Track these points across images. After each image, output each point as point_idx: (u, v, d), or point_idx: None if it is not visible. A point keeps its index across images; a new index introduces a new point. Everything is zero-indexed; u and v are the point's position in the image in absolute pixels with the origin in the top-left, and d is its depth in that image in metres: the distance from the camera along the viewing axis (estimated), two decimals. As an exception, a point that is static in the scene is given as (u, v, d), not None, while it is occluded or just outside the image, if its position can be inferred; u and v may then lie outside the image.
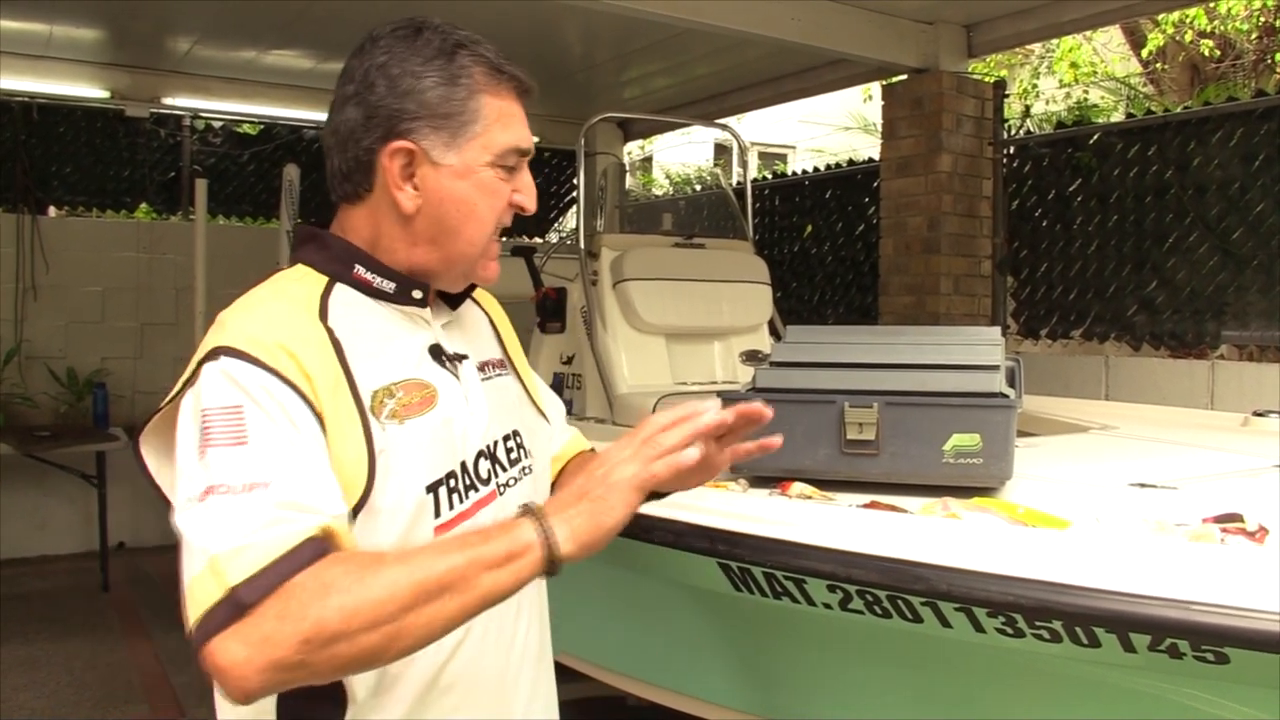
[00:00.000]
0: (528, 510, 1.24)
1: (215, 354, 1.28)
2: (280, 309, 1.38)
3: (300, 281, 1.44)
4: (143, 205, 8.03)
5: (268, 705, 1.34)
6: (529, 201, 1.50)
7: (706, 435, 1.33)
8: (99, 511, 6.48)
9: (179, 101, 7.67)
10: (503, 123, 1.44)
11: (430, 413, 1.41)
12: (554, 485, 1.72)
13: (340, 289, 1.43)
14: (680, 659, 2.67)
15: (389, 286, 1.45)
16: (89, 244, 7.46)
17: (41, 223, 7.26)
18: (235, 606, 1.11)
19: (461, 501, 1.42)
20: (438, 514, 1.38)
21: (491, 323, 1.73)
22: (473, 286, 1.59)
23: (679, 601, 2.48)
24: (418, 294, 1.47)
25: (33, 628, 5.56)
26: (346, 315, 1.40)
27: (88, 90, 7.37)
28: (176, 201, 8.11)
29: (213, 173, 7.95)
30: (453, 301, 1.58)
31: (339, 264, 1.45)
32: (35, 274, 7.15)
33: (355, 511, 1.30)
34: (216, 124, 8.28)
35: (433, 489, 1.39)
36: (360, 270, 1.45)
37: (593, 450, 1.80)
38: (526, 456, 1.60)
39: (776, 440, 1.51)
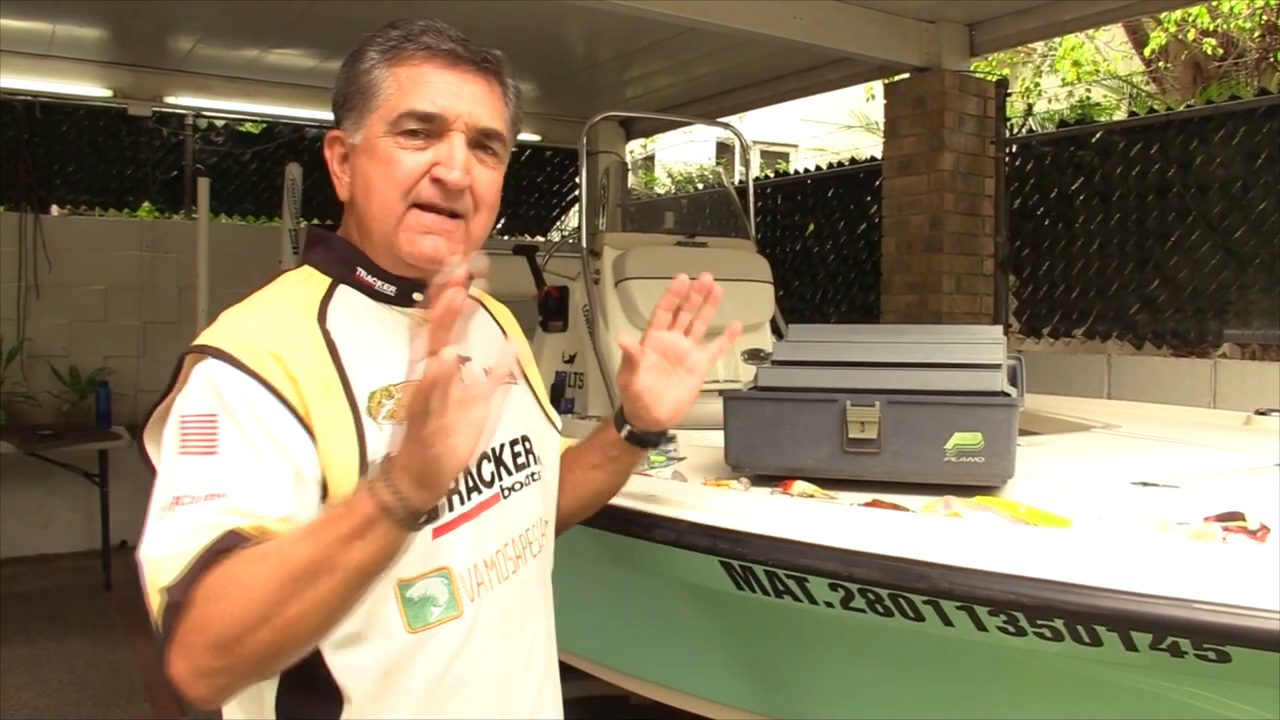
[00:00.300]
0: (368, 474, 1.18)
1: (203, 353, 1.31)
2: (277, 310, 1.40)
3: (304, 283, 1.46)
4: (145, 204, 8.03)
5: (268, 704, 1.35)
6: (447, 172, 1.40)
7: (450, 321, 1.12)
8: (101, 510, 6.49)
9: (181, 100, 7.66)
10: (401, 89, 1.40)
11: None
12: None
13: (343, 291, 1.45)
14: (682, 657, 2.67)
15: (390, 290, 1.46)
16: (91, 243, 7.46)
17: (44, 221, 7.27)
18: (174, 610, 1.15)
19: (463, 503, 1.43)
20: (436, 514, 1.36)
21: (504, 333, 1.73)
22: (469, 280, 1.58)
23: (681, 600, 2.48)
24: (418, 296, 1.45)
25: (35, 626, 5.57)
26: (347, 317, 1.42)
27: (90, 89, 7.37)
28: (179, 200, 8.11)
29: (215, 171, 7.95)
30: None
31: (342, 266, 1.47)
32: (38, 272, 7.16)
33: None
34: (219, 123, 8.28)
35: None
36: (362, 273, 1.46)
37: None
38: (535, 463, 1.60)
39: (737, 327, 1.65)
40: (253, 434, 1.26)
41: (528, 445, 1.60)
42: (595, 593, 2.77)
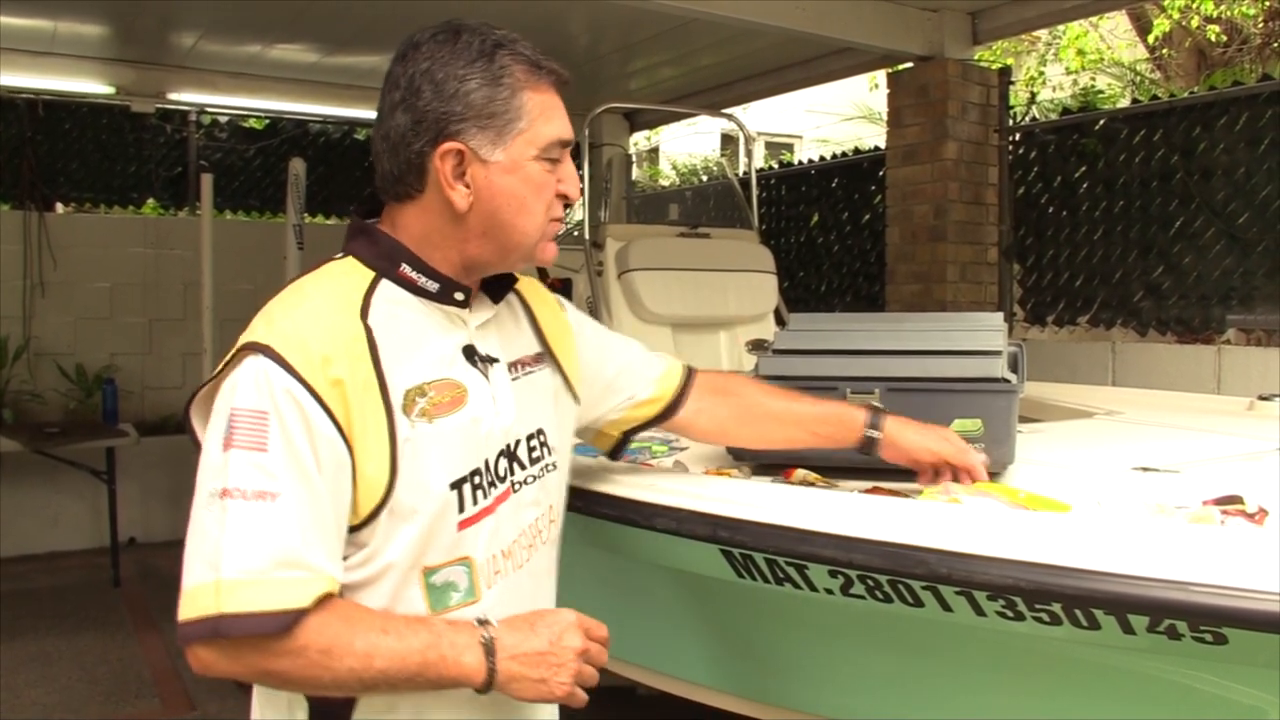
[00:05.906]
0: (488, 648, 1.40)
1: (256, 349, 1.36)
2: (322, 305, 1.44)
3: (347, 275, 1.50)
4: (149, 201, 8.06)
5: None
6: (572, 189, 1.56)
7: None
8: (109, 507, 6.50)
9: (185, 97, 7.69)
10: (545, 116, 1.50)
11: (459, 412, 1.48)
12: (683, 423, 2.10)
13: (385, 285, 1.49)
14: (684, 646, 2.68)
15: (432, 286, 1.51)
16: (96, 240, 7.48)
17: (49, 219, 7.29)
18: (216, 630, 1.28)
19: (485, 497, 1.50)
20: (462, 509, 1.47)
21: (532, 316, 1.77)
22: (513, 279, 1.66)
23: (682, 588, 2.49)
24: (459, 295, 1.53)
25: (44, 624, 5.59)
26: (388, 312, 1.46)
27: (93, 86, 7.39)
28: (183, 197, 8.14)
29: (219, 168, 7.97)
30: (495, 294, 1.63)
31: (386, 261, 1.51)
32: (43, 270, 7.18)
33: (378, 511, 1.39)
34: (222, 119, 8.31)
35: (457, 485, 1.46)
36: (406, 269, 1.50)
37: (690, 373, 2.10)
38: (549, 455, 1.67)
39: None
40: (299, 437, 1.33)
41: (543, 438, 1.66)
42: (597, 583, 2.77)
